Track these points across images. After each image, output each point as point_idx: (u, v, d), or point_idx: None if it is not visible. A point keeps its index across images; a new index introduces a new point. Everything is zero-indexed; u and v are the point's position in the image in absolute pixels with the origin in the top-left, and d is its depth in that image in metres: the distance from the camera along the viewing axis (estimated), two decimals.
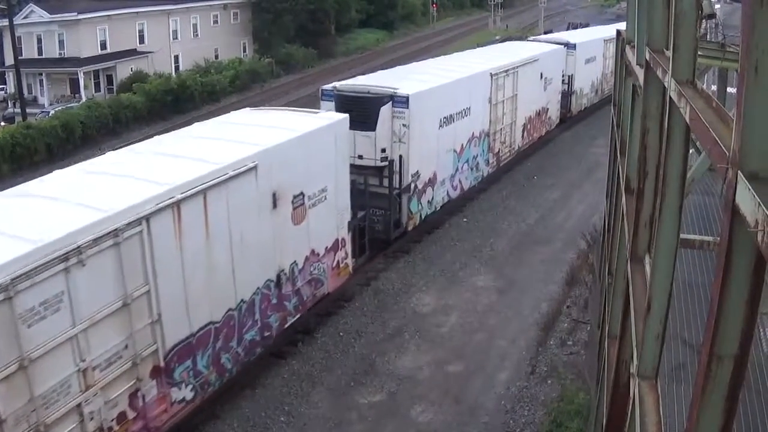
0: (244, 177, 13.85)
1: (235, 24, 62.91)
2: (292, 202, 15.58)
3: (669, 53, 5.73)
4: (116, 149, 16.79)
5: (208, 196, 12.94)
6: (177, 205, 12.19)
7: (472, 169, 25.94)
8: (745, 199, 2.97)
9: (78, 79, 49.18)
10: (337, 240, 17.69)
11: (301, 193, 15.83)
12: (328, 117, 17.69)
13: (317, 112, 18.58)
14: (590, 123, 38.36)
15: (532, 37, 41.29)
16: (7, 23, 40.50)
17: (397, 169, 20.98)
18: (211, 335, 13.48)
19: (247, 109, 19.69)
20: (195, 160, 13.71)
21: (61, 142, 36.01)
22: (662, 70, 6.12)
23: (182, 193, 12.28)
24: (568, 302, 19.39)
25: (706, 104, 4.57)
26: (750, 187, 2.92)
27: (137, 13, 53.16)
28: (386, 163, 20.83)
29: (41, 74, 49.96)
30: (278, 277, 15.43)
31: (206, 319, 13.31)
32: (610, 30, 44.81)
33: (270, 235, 14.91)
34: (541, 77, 31.41)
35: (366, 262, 20.68)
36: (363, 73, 28.89)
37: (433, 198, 23.27)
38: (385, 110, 20.83)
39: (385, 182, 20.87)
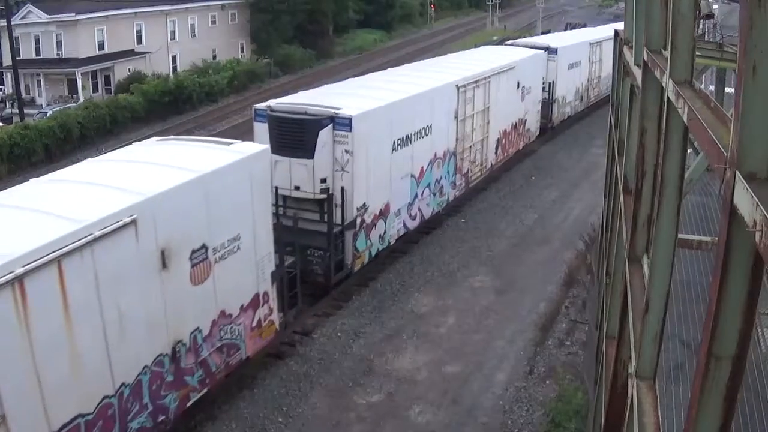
0: (119, 235, 11.21)
1: (233, 24, 62.84)
2: (191, 258, 12.73)
3: (667, 53, 5.73)
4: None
5: (66, 265, 10.33)
6: (19, 281, 9.64)
7: (434, 195, 23.20)
8: (743, 199, 2.97)
9: (76, 79, 49.07)
10: (257, 295, 14.89)
11: (203, 246, 13.01)
12: (243, 150, 14.68)
13: (231, 143, 15.31)
14: (584, 126, 38.28)
15: (510, 41, 37.83)
16: (5, 24, 40.44)
17: (340, 201, 18.39)
18: (81, 430, 10.89)
19: (154, 139, 16.68)
20: (52, 217, 11.03)
21: (58, 142, 35.93)
22: (660, 70, 6.13)
23: (26, 266, 9.71)
24: (567, 302, 19.40)
25: (704, 104, 4.57)
26: (748, 187, 2.92)
27: (135, 13, 53.06)
28: (327, 195, 18.33)
29: (39, 75, 49.85)
30: (174, 350, 12.72)
31: (73, 412, 10.72)
32: (600, 32, 43.14)
33: (160, 302, 12.28)
34: (518, 86, 29.04)
35: (300, 314, 17.88)
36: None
37: (385, 232, 20.50)
38: (325, 134, 18.13)
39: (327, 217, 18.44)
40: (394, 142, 20.24)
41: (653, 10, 7.17)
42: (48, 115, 40.17)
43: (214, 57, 58.00)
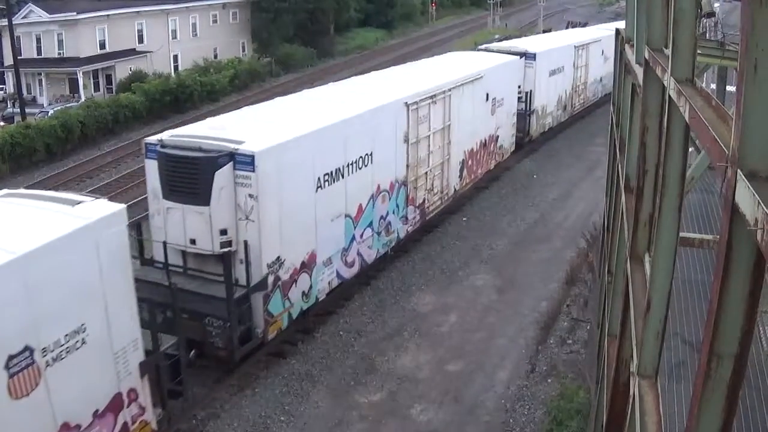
0: None
1: (234, 23, 62.85)
2: (7, 366, 9.61)
3: (668, 52, 5.73)
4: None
5: None
6: None
7: (379, 234, 19.66)
8: (745, 197, 2.98)
9: (77, 78, 49.11)
10: (119, 395, 11.64)
11: (27, 349, 9.86)
12: (88, 213, 11.21)
13: (79, 202, 11.66)
14: (589, 122, 38.27)
15: (483, 46, 33.82)
16: (6, 23, 40.44)
17: (243, 258, 14.94)
18: None
19: (4, 191, 12.95)
20: None
21: (60, 141, 35.91)
22: (661, 68, 6.12)
23: None
24: (568, 301, 19.40)
25: (705, 103, 4.57)
26: (749, 186, 2.92)
27: (136, 12, 53.10)
28: (230, 249, 14.98)
29: (40, 74, 49.90)
30: None
31: None
32: (587, 33, 41.53)
33: None
34: (488, 98, 25.89)
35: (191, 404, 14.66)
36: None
37: (311, 287, 16.95)
38: (223, 175, 14.66)
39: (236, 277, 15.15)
40: (318, 179, 16.60)
41: (654, 8, 7.17)
42: (49, 114, 40.18)
43: (216, 56, 58.01)
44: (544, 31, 59.36)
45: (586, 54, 37.24)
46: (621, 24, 18.67)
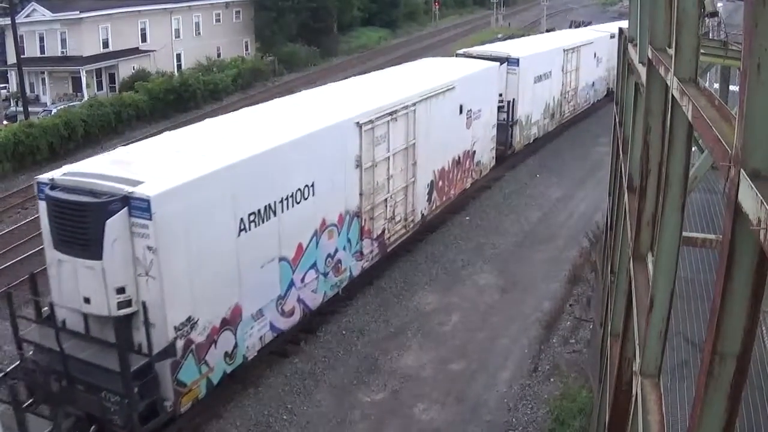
0: None
1: (237, 22, 62.86)
2: None
3: (671, 51, 5.73)
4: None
5: None
6: None
7: (326, 275, 17.09)
8: (748, 197, 2.98)
9: (80, 77, 49.17)
10: None
11: None
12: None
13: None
14: (593, 122, 38.21)
15: (462, 50, 30.54)
16: (10, 22, 40.51)
17: (144, 319, 12.53)
18: None
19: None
20: None
21: (63, 140, 35.96)
22: (665, 68, 6.12)
23: None
24: (571, 300, 19.39)
25: (708, 102, 4.57)
26: (752, 185, 2.93)
27: (139, 11, 53.14)
28: (129, 310, 12.61)
29: (43, 73, 49.95)
30: None
31: None
32: (579, 35, 39.35)
33: None
34: (461, 111, 23.51)
35: None
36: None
37: (236, 346, 14.46)
38: (115, 225, 12.22)
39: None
40: (242, 221, 13.94)
41: (658, 8, 7.16)
42: (52, 113, 40.23)
43: (219, 55, 58.03)
44: (547, 31, 59.31)
45: (577, 57, 35.07)
46: (624, 23, 18.64)
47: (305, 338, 17.31)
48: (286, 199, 15.21)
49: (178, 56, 56.56)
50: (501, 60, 27.86)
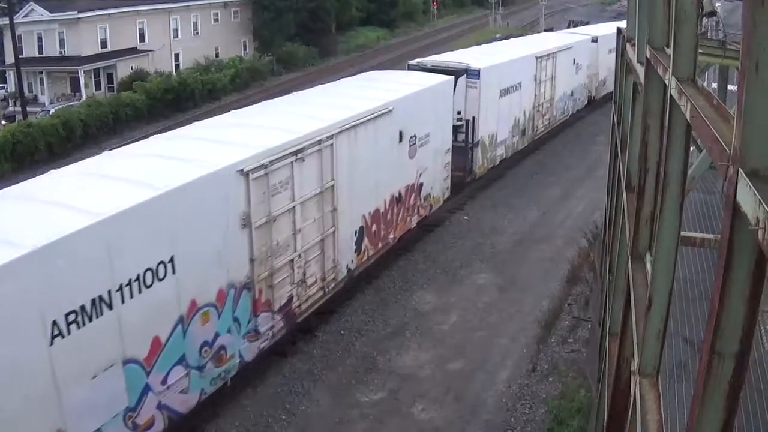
0: None
1: (236, 22, 62.88)
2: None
3: (670, 51, 5.73)
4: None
5: None
6: None
7: (200, 369, 13.17)
8: (746, 196, 2.98)
9: (78, 77, 49.20)
10: None
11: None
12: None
13: None
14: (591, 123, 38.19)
15: (415, 61, 25.91)
16: (8, 22, 40.49)
17: None
18: None
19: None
20: None
21: (61, 140, 36.00)
22: (663, 67, 6.13)
23: None
24: (569, 300, 19.39)
25: (706, 102, 4.57)
26: (751, 185, 2.92)
27: (137, 11, 53.17)
28: None
29: (42, 73, 49.96)
30: None
31: None
32: (559, 39, 36.19)
33: None
34: (401, 138, 19.66)
35: None
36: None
37: None
38: None
39: None
40: (55, 324, 10.18)
41: (656, 7, 7.17)
42: (51, 113, 40.28)
43: (217, 55, 58.07)
44: (546, 30, 59.31)
45: (552, 65, 31.48)
46: (622, 23, 18.63)
47: (303, 338, 17.31)
48: (128, 285, 11.22)
49: (176, 56, 56.59)
50: (459, 72, 24.35)
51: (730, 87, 14.53)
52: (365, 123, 17.69)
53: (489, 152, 26.93)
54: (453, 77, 23.27)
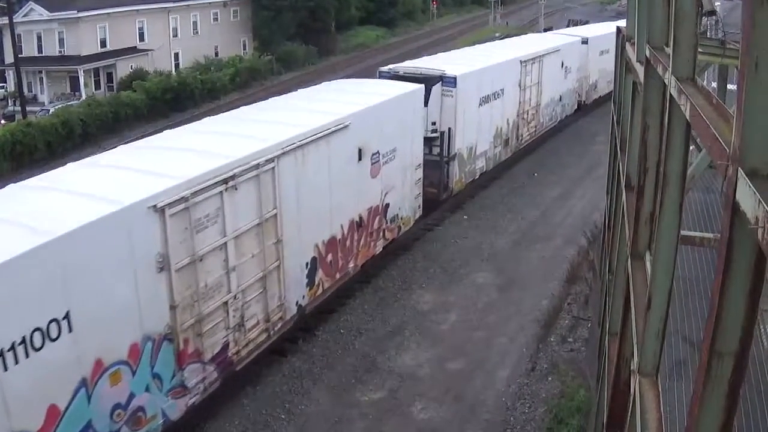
0: None
1: (235, 21, 62.88)
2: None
3: (669, 50, 5.73)
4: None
5: None
6: None
7: None
8: (746, 195, 2.98)
9: (78, 77, 49.20)
10: None
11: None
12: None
13: None
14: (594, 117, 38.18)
15: (387, 67, 24.03)
16: (7, 21, 40.48)
17: None
18: None
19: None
20: None
21: (61, 140, 36.01)
22: (662, 67, 6.12)
23: None
24: (569, 299, 19.40)
25: (706, 101, 4.57)
26: (750, 184, 2.92)
27: (137, 11, 53.16)
28: None
29: (41, 72, 49.96)
30: None
31: None
32: (547, 40, 34.83)
33: None
34: (361, 156, 17.78)
35: None
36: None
37: None
38: None
39: None
40: None
41: (655, 6, 7.17)
42: (50, 112, 40.30)
43: (217, 54, 58.09)
44: (545, 30, 59.30)
45: (539, 69, 29.79)
46: (622, 22, 18.62)
47: (303, 337, 17.31)
48: (10, 350, 9.47)
49: (176, 55, 56.60)
50: (433, 80, 22.88)
51: (729, 86, 14.52)
52: (316, 141, 15.74)
53: (467, 165, 25.25)
54: (424, 85, 21.42)
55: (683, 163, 5.52)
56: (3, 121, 40.70)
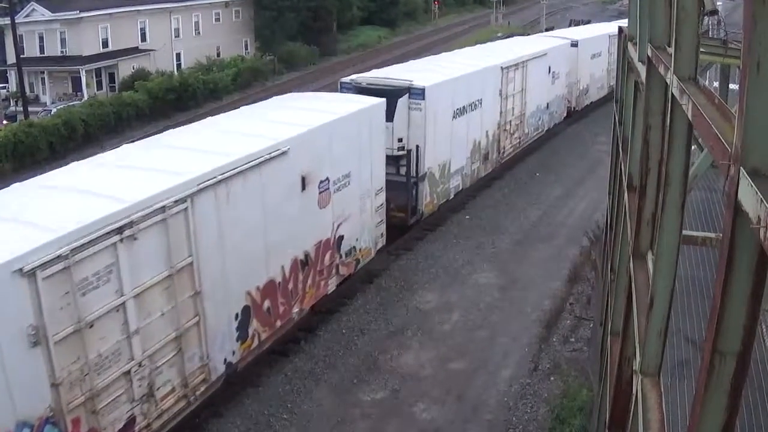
0: None
1: (237, 22, 62.90)
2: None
3: (671, 50, 5.73)
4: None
5: None
6: None
7: None
8: (747, 195, 2.98)
9: (80, 77, 49.23)
10: None
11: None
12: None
13: None
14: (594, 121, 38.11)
15: (348, 78, 21.72)
16: (9, 22, 40.51)
17: None
18: None
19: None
20: None
21: (63, 140, 36.03)
22: (664, 66, 6.12)
23: None
24: (571, 299, 19.39)
25: (708, 101, 4.57)
26: (752, 184, 2.93)
27: (139, 11, 53.20)
28: None
29: (43, 72, 49.99)
30: None
31: None
32: (534, 43, 33.02)
33: None
34: (304, 185, 15.48)
35: None
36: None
37: None
38: None
39: None
40: None
41: (657, 6, 7.17)
42: (52, 113, 40.32)
43: (218, 54, 58.11)
44: (547, 30, 59.28)
45: (523, 76, 27.59)
46: (623, 22, 18.60)
47: (305, 337, 17.32)
48: None
49: (178, 56, 56.63)
50: (399, 92, 20.70)
51: (731, 86, 14.52)
52: (244, 173, 13.33)
53: (440, 185, 22.91)
54: (385, 100, 19.15)
55: (685, 163, 5.52)
56: (5, 122, 40.72)
